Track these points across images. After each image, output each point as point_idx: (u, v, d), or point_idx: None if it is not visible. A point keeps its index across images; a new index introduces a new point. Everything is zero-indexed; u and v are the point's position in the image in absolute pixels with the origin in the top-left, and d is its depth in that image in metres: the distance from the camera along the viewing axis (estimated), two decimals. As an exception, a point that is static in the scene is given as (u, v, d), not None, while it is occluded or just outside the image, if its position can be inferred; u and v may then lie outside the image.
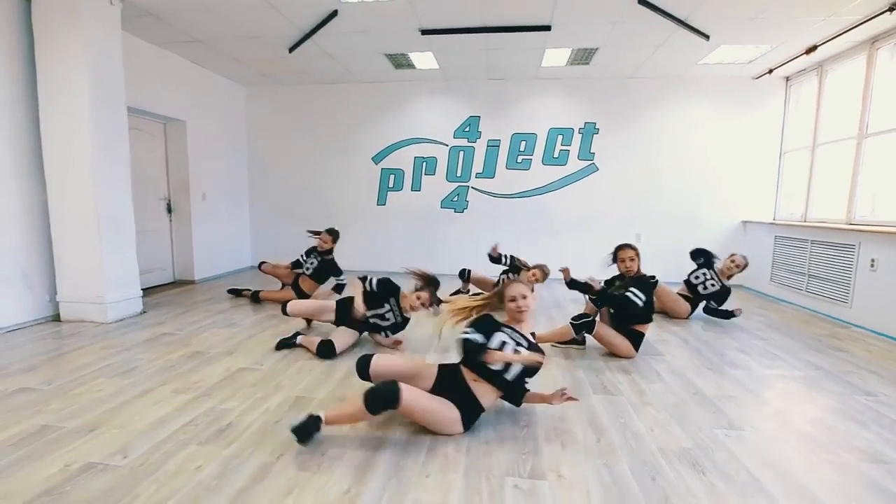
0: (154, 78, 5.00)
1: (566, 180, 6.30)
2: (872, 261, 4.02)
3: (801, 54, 4.88)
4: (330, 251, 4.65)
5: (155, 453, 1.88)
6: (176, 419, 2.19)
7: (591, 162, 6.24)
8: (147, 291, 4.75)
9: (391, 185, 6.66)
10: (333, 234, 4.66)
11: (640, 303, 3.02)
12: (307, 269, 4.65)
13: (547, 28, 4.35)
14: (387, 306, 3.24)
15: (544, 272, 4.41)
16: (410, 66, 5.65)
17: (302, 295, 4.50)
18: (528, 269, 4.45)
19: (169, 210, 5.64)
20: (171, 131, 5.56)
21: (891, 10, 3.77)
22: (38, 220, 3.77)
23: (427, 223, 6.63)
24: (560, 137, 6.25)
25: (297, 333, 3.31)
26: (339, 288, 4.70)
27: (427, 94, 6.37)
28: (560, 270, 3.73)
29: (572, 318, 3.22)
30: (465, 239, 6.53)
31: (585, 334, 3.21)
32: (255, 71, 5.92)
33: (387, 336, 3.34)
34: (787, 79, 5.76)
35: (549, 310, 4.65)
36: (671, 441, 2.05)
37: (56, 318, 3.87)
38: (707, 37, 4.45)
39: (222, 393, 2.51)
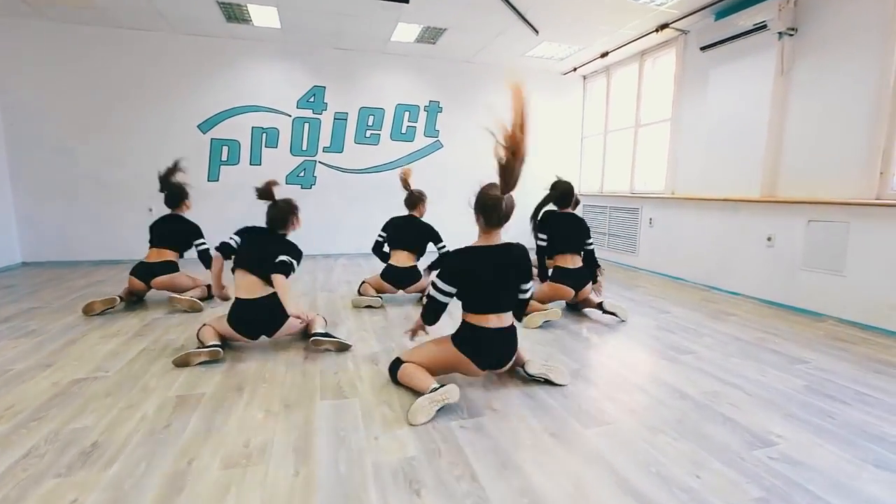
0: None
1: (414, 156, 6.53)
2: (650, 219, 5.38)
3: (598, 58, 6.07)
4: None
5: None
6: (4, 456, 1.64)
7: (436, 139, 6.61)
8: None
9: (224, 158, 5.85)
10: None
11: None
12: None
13: (406, 1, 4.41)
14: None
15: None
16: (246, 20, 5.01)
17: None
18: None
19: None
20: None
21: (658, 30, 5.01)
22: None
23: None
24: (407, 114, 6.42)
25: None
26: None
27: (266, 57, 5.74)
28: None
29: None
30: (315, 216, 6.21)
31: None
32: (17, -3, 4.40)
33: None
34: (585, 77, 7.08)
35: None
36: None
37: None
38: (537, 31, 5.16)
39: (63, 413, 1.94)
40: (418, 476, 1.52)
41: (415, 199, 3.88)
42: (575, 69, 6.65)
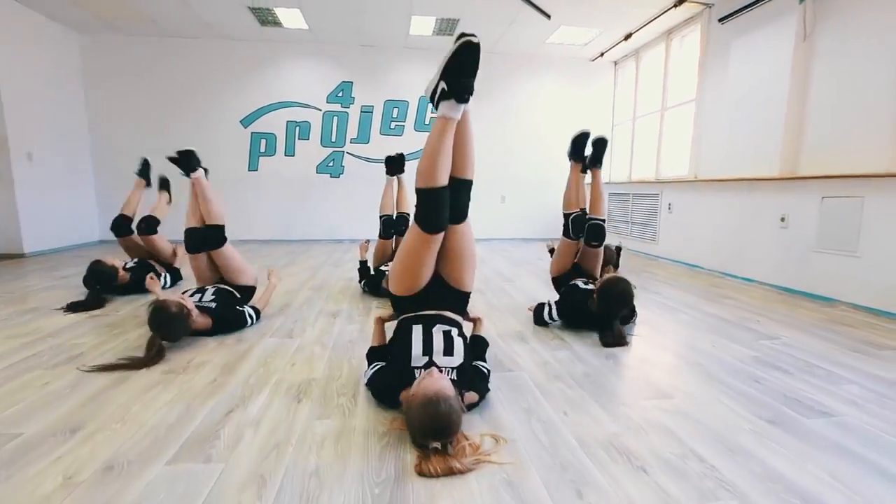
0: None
1: (438, 147, 6.70)
2: (669, 205, 5.10)
3: (622, 40, 5.86)
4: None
5: (-11, 375, 1.78)
6: (13, 354, 2.05)
7: (460, 130, 6.73)
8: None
9: (263, 149, 6.43)
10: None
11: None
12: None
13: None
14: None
15: None
16: (277, 23, 5.50)
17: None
18: None
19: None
20: (-21, 77, 4.69)
21: (677, 4, 4.76)
22: None
23: (303, 189, 6.56)
24: (430, 106, 6.61)
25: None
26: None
27: (298, 56, 6.25)
28: None
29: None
30: (342, 204, 6.61)
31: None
32: (92, 14, 5.23)
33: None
34: (615, 62, 6.84)
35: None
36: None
37: None
38: (549, 16, 5.12)
39: (69, 333, 2.37)
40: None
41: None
42: (602, 54, 6.46)
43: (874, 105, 3.19)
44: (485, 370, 1.69)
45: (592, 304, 2.38)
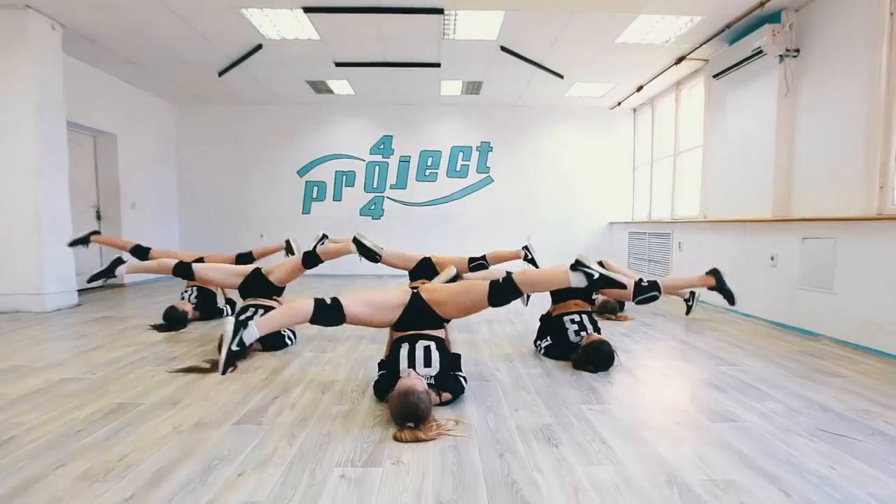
0: (86, 94, 5.44)
1: (467, 190, 7.41)
2: (679, 244, 5.42)
3: (634, 92, 6.38)
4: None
5: (117, 371, 2.55)
6: (129, 357, 2.83)
7: (487, 175, 7.42)
8: (79, 293, 5.08)
9: (315, 195, 7.40)
10: None
11: None
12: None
13: (437, 65, 5.44)
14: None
15: None
16: (329, 91, 6.53)
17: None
18: None
19: (98, 217, 5.98)
20: (102, 143, 5.97)
21: (677, 62, 5.26)
22: (-24, 221, 4.13)
23: (347, 229, 7.40)
24: (461, 154, 7.38)
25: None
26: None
27: (345, 115, 7.26)
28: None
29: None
30: (382, 242, 7.34)
31: None
32: (186, 91, 6.50)
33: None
34: (634, 110, 7.33)
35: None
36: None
37: (-9, 309, 4.20)
38: (561, 76, 5.77)
39: (164, 344, 3.15)
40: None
41: None
42: (619, 103, 6.98)
43: (849, 153, 3.50)
44: (462, 378, 2.23)
45: (576, 357, 2.70)
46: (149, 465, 1.57)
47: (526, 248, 4.09)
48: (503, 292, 2.25)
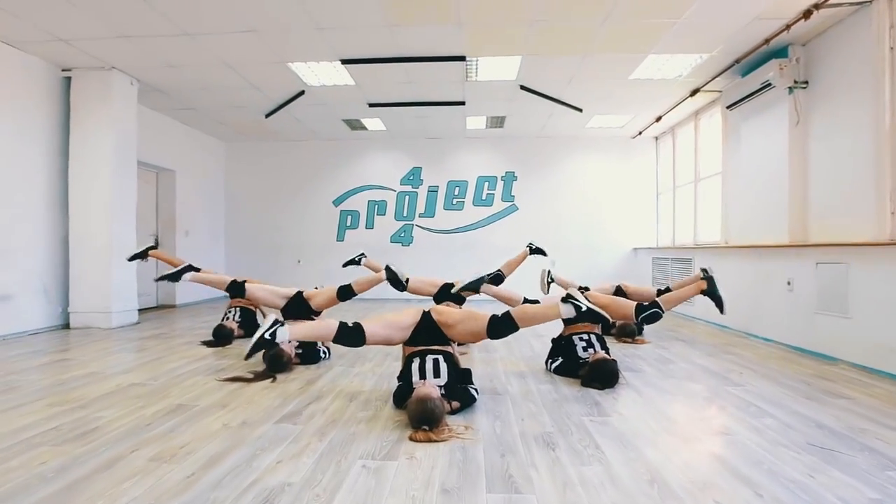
0: (152, 136, 6.16)
1: (492, 218, 7.71)
2: (710, 268, 5.47)
3: (654, 122, 6.58)
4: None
5: (175, 379, 2.93)
6: (184, 367, 3.23)
7: (512, 203, 7.71)
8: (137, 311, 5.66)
9: (349, 223, 7.89)
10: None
11: None
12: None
13: (462, 103, 5.86)
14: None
15: None
16: (363, 128, 7.07)
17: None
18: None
19: (156, 244, 6.62)
20: (163, 178, 6.67)
21: (692, 94, 5.45)
22: (58, 248, 4.75)
23: (378, 256, 7.81)
24: (486, 184, 7.72)
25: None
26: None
27: (378, 149, 7.78)
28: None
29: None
30: (411, 267, 7.68)
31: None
32: (235, 130, 7.20)
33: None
34: (656, 138, 7.50)
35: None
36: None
37: (66, 325, 4.76)
38: (580, 110, 6.06)
39: (213, 357, 3.55)
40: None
41: None
42: (640, 133, 7.18)
43: (861, 180, 3.58)
44: (472, 390, 2.46)
45: (583, 373, 2.87)
46: (204, 453, 1.89)
47: (529, 245, 4.50)
48: (501, 326, 2.48)
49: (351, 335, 2.46)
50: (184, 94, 5.54)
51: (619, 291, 4.45)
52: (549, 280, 4.31)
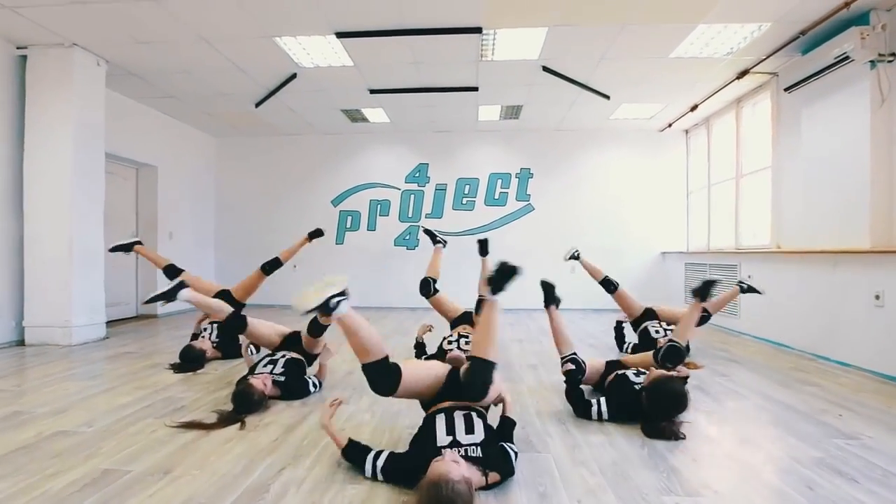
0: (130, 127, 5.54)
1: (506, 219, 7.03)
2: (748, 276, 4.77)
3: (688, 112, 5.89)
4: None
5: (117, 423, 2.27)
6: (136, 403, 2.57)
7: (527, 203, 7.03)
8: (110, 324, 5.01)
9: (349, 225, 7.23)
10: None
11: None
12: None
13: (475, 89, 5.20)
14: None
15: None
16: (364, 120, 6.42)
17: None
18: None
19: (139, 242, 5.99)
20: (143, 175, 6.05)
21: (740, 76, 4.77)
22: (11, 253, 4.12)
23: (382, 260, 7.17)
24: (499, 181, 7.05)
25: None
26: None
27: (380, 143, 7.13)
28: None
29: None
30: (417, 273, 6.98)
31: None
32: (226, 123, 6.57)
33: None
34: (686, 131, 6.80)
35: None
36: (546, 402, 2.45)
37: (20, 342, 4.13)
38: (608, 97, 5.38)
39: (177, 388, 2.88)
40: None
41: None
42: (670, 125, 6.49)
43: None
44: (512, 451, 1.79)
45: (643, 399, 2.25)
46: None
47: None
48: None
49: (379, 371, 1.80)
50: (162, 77, 4.91)
51: (648, 314, 3.77)
52: (574, 256, 4.14)
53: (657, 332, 3.61)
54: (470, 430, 1.73)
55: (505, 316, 5.32)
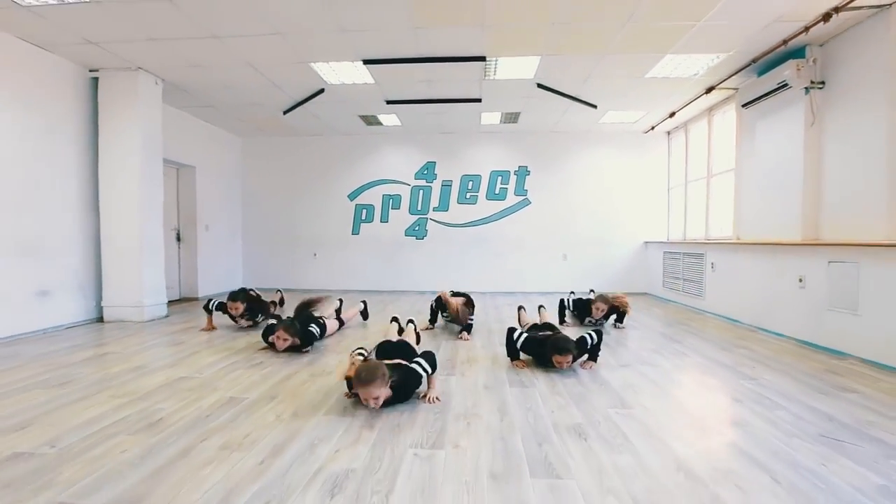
0: (173, 132, 6.28)
1: (506, 212, 7.83)
2: (712, 264, 5.61)
3: (668, 117, 6.64)
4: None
5: (219, 371, 3.12)
6: (224, 361, 3.42)
7: (524, 197, 7.82)
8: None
9: (364, 217, 8.03)
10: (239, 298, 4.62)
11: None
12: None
13: (478, 100, 5.95)
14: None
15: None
16: (379, 123, 7.16)
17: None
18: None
19: (178, 239, 6.80)
20: (183, 175, 6.82)
21: (707, 91, 5.52)
22: (91, 245, 4.92)
23: (393, 248, 7.99)
24: (500, 178, 7.82)
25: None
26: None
27: (392, 144, 7.89)
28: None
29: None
30: (425, 260, 7.90)
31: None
32: (253, 126, 7.31)
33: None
34: (668, 133, 7.56)
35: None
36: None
37: (100, 319, 4.95)
38: (595, 106, 6.14)
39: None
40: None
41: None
42: (653, 128, 7.25)
43: (873, 181, 3.69)
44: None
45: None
46: (267, 442, 2.07)
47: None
48: None
49: None
50: (206, 92, 5.65)
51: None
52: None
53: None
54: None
55: (504, 317, 6.14)
